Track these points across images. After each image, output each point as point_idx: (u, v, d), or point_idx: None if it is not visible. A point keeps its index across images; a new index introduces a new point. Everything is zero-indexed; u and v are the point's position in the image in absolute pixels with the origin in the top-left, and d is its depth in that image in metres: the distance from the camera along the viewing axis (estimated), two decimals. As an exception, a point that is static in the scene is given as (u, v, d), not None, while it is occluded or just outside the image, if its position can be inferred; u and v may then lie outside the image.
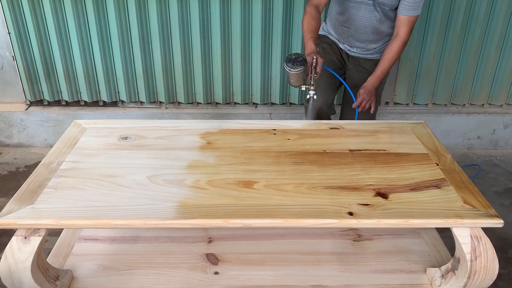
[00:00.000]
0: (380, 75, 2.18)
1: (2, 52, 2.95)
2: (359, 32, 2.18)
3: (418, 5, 2.04)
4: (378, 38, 2.20)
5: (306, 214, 1.30)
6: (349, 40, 2.25)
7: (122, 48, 2.89)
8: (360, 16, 2.11)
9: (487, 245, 1.31)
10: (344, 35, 2.23)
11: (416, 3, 2.03)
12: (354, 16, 2.13)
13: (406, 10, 2.04)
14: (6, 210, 1.30)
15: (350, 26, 2.18)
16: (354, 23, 2.15)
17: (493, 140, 3.16)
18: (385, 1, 2.04)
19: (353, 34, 2.20)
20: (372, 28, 2.15)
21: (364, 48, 2.25)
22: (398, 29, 2.11)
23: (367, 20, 2.12)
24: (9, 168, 2.89)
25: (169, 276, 1.54)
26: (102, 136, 1.75)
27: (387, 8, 2.06)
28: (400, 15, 2.07)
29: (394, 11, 2.10)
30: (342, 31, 2.22)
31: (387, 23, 2.14)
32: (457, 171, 1.53)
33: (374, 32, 2.16)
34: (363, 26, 2.15)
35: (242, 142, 1.71)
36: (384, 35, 2.20)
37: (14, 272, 1.28)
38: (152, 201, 1.35)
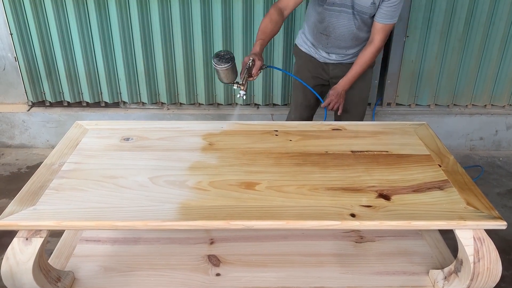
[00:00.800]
0: (351, 79, 2.19)
1: (4, 53, 2.95)
2: (338, 39, 2.18)
3: (394, 13, 2.06)
4: (357, 43, 2.21)
5: (308, 216, 1.29)
6: (327, 47, 2.25)
7: (124, 49, 2.89)
8: (340, 24, 2.11)
9: (490, 247, 1.30)
10: (323, 42, 2.22)
11: (392, 12, 2.05)
12: (334, 24, 2.12)
13: (382, 18, 2.05)
14: (8, 211, 1.30)
15: (330, 34, 2.17)
16: (334, 31, 2.15)
17: (496, 141, 3.15)
18: (364, 9, 2.04)
19: (333, 42, 2.20)
20: (352, 35, 2.15)
21: (343, 54, 2.26)
22: (373, 35, 2.12)
23: (347, 28, 2.12)
24: (11, 169, 2.89)
25: (170, 277, 1.53)
26: (103, 137, 1.74)
27: (366, 16, 2.07)
28: (376, 23, 2.08)
29: (372, 19, 2.11)
30: (321, 38, 2.22)
31: (366, 29, 2.15)
32: (460, 172, 1.53)
33: (353, 38, 2.17)
34: (342, 33, 2.15)
35: (244, 143, 1.70)
36: (363, 41, 2.21)
37: (16, 274, 1.28)
38: (153, 203, 1.35)
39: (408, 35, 2.87)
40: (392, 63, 2.99)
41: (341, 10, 2.06)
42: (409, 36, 2.87)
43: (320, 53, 2.29)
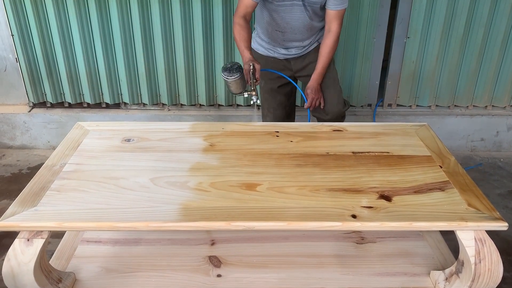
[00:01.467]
0: (322, 71, 2.23)
1: (6, 54, 2.96)
2: (294, 33, 2.20)
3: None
4: (311, 33, 2.24)
5: (309, 217, 1.29)
6: (284, 43, 2.27)
7: (125, 50, 2.89)
8: (293, 18, 2.14)
9: (491, 248, 1.30)
10: (279, 39, 2.25)
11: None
12: (287, 19, 2.14)
13: (334, 5, 2.09)
14: (9, 212, 1.30)
15: (285, 30, 2.19)
16: (288, 25, 2.17)
17: (497, 142, 3.15)
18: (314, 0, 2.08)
19: (289, 36, 2.22)
20: (306, 27, 2.18)
21: (300, 46, 2.28)
22: (329, 24, 2.15)
23: (300, 21, 2.14)
24: (12, 170, 2.89)
25: (171, 278, 1.53)
26: (105, 138, 1.75)
27: (317, 6, 2.11)
28: (330, 10, 2.12)
29: (323, 9, 2.14)
30: (276, 36, 2.24)
31: (318, 18, 2.18)
32: (461, 173, 1.53)
33: (308, 29, 2.20)
34: (297, 26, 2.17)
35: (244, 144, 1.71)
36: (318, 29, 2.25)
37: (17, 274, 1.28)
38: (155, 204, 1.35)
39: (409, 36, 2.87)
40: (392, 64, 2.99)
41: (292, 3, 2.09)
42: (409, 37, 2.87)
43: (279, 51, 2.31)
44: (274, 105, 2.43)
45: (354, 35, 2.86)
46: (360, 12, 2.79)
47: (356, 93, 3.05)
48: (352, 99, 3.08)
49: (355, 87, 3.04)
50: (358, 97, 3.07)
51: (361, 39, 2.87)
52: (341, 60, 2.92)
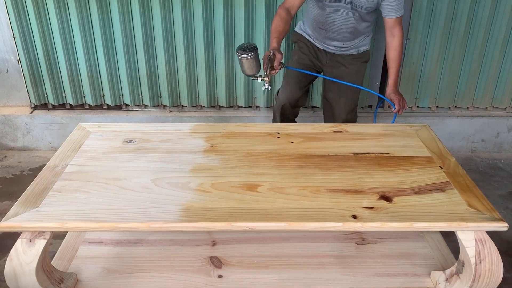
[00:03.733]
0: (397, 77, 2.27)
1: (7, 56, 2.97)
2: (337, 33, 2.23)
3: (400, 5, 2.12)
4: (354, 36, 2.26)
5: (310, 218, 1.30)
6: (326, 41, 2.31)
7: (126, 51, 2.90)
8: (338, 19, 2.16)
9: (492, 248, 1.31)
10: (322, 36, 2.29)
11: (398, 4, 2.10)
12: (332, 19, 2.17)
13: (392, 13, 2.11)
14: (11, 213, 1.30)
15: (328, 28, 2.22)
16: (332, 26, 2.19)
17: (497, 143, 3.15)
18: (363, 5, 2.09)
19: (331, 36, 2.25)
20: (350, 29, 2.20)
21: (341, 46, 2.31)
22: (391, 30, 2.17)
23: (345, 23, 2.16)
24: (14, 171, 2.90)
25: (173, 279, 1.54)
26: (106, 140, 1.75)
27: (364, 12, 2.12)
28: (388, 19, 2.14)
29: (370, 14, 2.17)
30: (319, 32, 2.28)
31: (364, 24, 2.20)
32: (461, 174, 1.53)
33: (351, 32, 2.22)
34: (340, 28, 2.19)
35: (245, 145, 1.71)
36: (360, 33, 2.27)
37: (19, 275, 1.29)
38: (156, 204, 1.36)
39: (409, 37, 2.87)
40: (393, 66, 3.00)
41: (339, 5, 2.11)
42: (410, 38, 2.88)
43: (321, 43, 2.35)
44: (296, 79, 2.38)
45: (354, 36, 2.86)
46: (360, 14, 2.80)
47: (356, 94, 3.06)
48: (353, 100, 3.09)
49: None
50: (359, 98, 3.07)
51: (362, 40, 2.87)
52: (342, 62, 2.93)
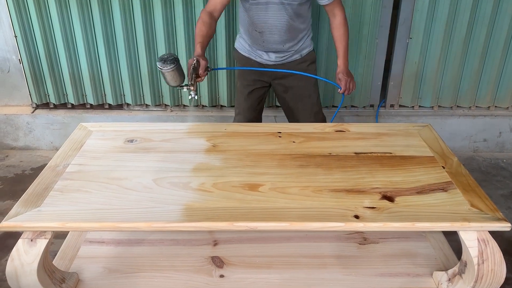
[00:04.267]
0: (346, 55, 2.20)
1: (9, 56, 2.97)
2: (272, 33, 2.13)
3: None
4: (293, 36, 2.16)
5: (312, 217, 1.30)
6: (264, 45, 2.19)
7: (128, 51, 2.90)
8: (270, 18, 2.07)
9: (495, 248, 1.30)
10: (259, 40, 2.18)
11: None
12: (264, 18, 2.08)
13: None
14: (13, 212, 1.30)
15: (263, 30, 2.12)
16: (266, 26, 2.10)
17: (499, 143, 3.14)
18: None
19: (268, 38, 2.15)
20: (285, 28, 2.10)
21: (281, 50, 2.21)
22: (332, 12, 2.12)
23: (278, 20, 2.07)
24: (15, 170, 2.90)
25: (174, 279, 1.54)
26: (108, 139, 1.75)
27: (296, 4, 2.03)
28: (325, 5, 2.08)
29: (303, 6, 2.07)
30: (256, 37, 2.18)
31: (299, 19, 2.11)
32: (464, 174, 1.52)
33: (288, 31, 2.12)
34: (275, 26, 2.10)
35: (247, 145, 1.71)
36: (298, 32, 2.17)
37: (20, 275, 1.28)
38: (157, 204, 1.35)
39: (411, 36, 2.87)
40: (395, 65, 2.99)
41: (267, 2, 2.02)
42: (412, 37, 2.87)
43: (260, 55, 2.25)
44: (245, 107, 2.40)
45: (356, 35, 2.86)
46: (362, 13, 2.79)
47: (358, 93, 3.05)
48: (355, 99, 3.09)
49: (358, 87, 3.03)
50: (361, 97, 3.07)
51: (364, 39, 2.87)
52: (344, 61, 2.92)
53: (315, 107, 2.34)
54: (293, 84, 2.28)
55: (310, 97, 2.32)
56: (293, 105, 2.35)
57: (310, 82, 2.30)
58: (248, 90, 2.36)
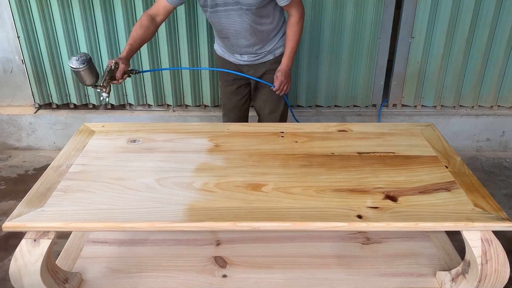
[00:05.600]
0: (291, 55, 2.12)
1: (12, 56, 2.97)
2: (237, 38, 2.08)
3: None
4: (261, 38, 2.11)
5: (315, 217, 1.29)
6: (233, 49, 2.17)
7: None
8: (232, 23, 2.02)
9: (498, 248, 1.30)
10: (228, 45, 2.16)
11: None
12: (227, 25, 2.03)
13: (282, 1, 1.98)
14: (16, 213, 1.31)
15: (228, 35, 2.09)
16: (229, 31, 2.06)
17: (503, 142, 3.13)
18: (248, 1, 1.92)
19: (234, 42, 2.11)
20: (249, 31, 2.04)
21: (251, 53, 2.17)
22: (289, 12, 2.04)
23: (240, 25, 2.02)
24: (18, 170, 2.91)
25: (177, 278, 1.54)
26: (110, 139, 1.75)
27: (254, 8, 1.95)
28: (283, 5, 2.00)
29: (265, 7, 2.00)
30: (224, 42, 2.16)
31: (262, 21, 2.04)
32: (467, 173, 1.52)
33: (253, 34, 2.06)
34: (238, 31, 2.05)
35: (250, 145, 1.71)
36: (267, 34, 2.11)
37: (24, 275, 1.29)
38: (160, 204, 1.35)
39: (414, 36, 2.86)
40: (397, 64, 2.98)
41: (227, 9, 1.97)
42: (414, 37, 2.86)
43: (234, 56, 2.23)
44: (230, 107, 2.39)
45: (358, 35, 2.85)
46: (364, 13, 2.79)
47: (361, 93, 3.05)
48: (357, 99, 3.08)
49: (360, 87, 3.03)
50: (363, 97, 3.07)
51: (366, 39, 2.87)
52: (346, 60, 2.92)
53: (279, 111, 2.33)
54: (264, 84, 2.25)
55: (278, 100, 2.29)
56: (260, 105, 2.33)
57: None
58: (229, 90, 2.35)
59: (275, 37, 2.16)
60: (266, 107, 2.32)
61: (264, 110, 2.34)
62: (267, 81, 2.23)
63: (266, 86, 2.24)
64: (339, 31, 2.84)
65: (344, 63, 2.93)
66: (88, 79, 1.87)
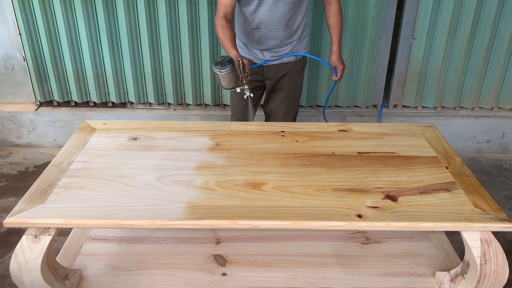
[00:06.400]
0: (340, 41, 2.21)
1: (13, 53, 2.98)
2: (269, 29, 2.08)
3: None
4: (291, 33, 2.13)
5: (315, 216, 1.30)
6: (260, 43, 2.16)
7: (131, 49, 2.91)
8: (267, 11, 2.03)
9: (497, 249, 1.30)
10: (255, 37, 2.14)
11: None
12: (261, 13, 2.04)
13: None
14: (17, 209, 1.31)
15: (260, 25, 2.08)
16: (262, 21, 2.06)
17: (503, 144, 3.14)
18: None
19: (265, 33, 2.11)
20: (282, 22, 2.06)
21: (278, 46, 2.17)
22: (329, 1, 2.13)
23: (275, 14, 2.04)
24: (19, 168, 2.91)
25: (177, 276, 1.54)
26: (111, 137, 1.76)
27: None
28: None
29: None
30: (252, 34, 2.13)
31: (296, 13, 2.08)
32: (467, 174, 1.52)
33: (285, 26, 2.08)
34: (272, 21, 2.06)
35: (250, 144, 1.71)
36: (296, 28, 2.14)
37: (24, 271, 1.29)
38: (161, 202, 1.36)
39: (415, 37, 2.87)
40: (398, 65, 2.99)
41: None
42: (416, 38, 2.87)
43: (254, 54, 2.22)
44: (240, 108, 2.37)
45: (360, 35, 2.86)
46: (366, 13, 2.79)
47: (361, 93, 3.05)
48: (358, 99, 3.09)
49: (361, 87, 3.04)
50: (364, 97, 3.07)
51: (367, 40, 2.87)
52: (347, 61, 2.92)
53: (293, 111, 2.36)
54: (284, 86, 2.27)
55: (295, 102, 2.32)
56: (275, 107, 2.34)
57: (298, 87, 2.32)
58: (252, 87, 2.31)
59: (302, 34, 2.20)
60: (281, 109, 2.33)
61: (279, 112, 2.34)
62: (287, 84, 2.26)
63: (284, 88, 2.27)
64: (340, 31, 2.84)
65: (345, 63, 2.92)
66: (233, 80, 1.86)
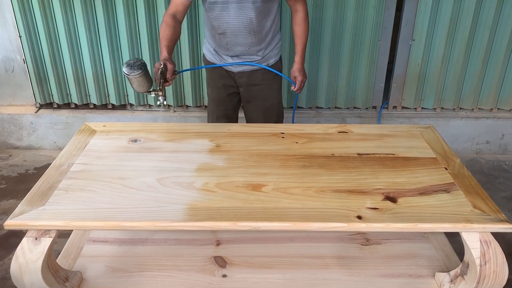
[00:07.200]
0: (303, 52, 2.15)
1: (13, 56, 2.98)
2: (235, 34, 1.99)
3: None
4: (259, 39, 2.03)
5: (315, 218, 1.30)
6: (228, 49, 2.07)
7: (131, 51, 2.91)
8: (232, 17, 1.94)
9: (497, 250, 1.30)
10: (223, 43, 2.05)
11: None
12: (226, 18, 1.95)
13: None
14: (17, 211, 1.31)
15: (226, 31, 1.99)
16: (228, 26, 1.97)
17: (502, 145, 3.14)
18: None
19: (231, 39, 2.02)
20: (248, 28, 1.97)
21: (247, 53, 2.07)
22: (294, 7, 2.04)
23: (241, 20, 1.95)
24: (19, 170, 2.91)
25: (177, 278, 1.54)
26: (111, 139, 1.76)
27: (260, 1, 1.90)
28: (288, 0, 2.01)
29: (269, 3, 1.95)
30: (220, 40, 2.05)
31: (264, 19, 1.99)
32: (466, 175, 1.53)
33: (251, 32, 1.98)
34: (237, 27, 1.96)
35: (250, 145, 1.71)
36: (264, 35, 2.04)
37: (25, 273, 1.29)
38: (161, 204, 1.36)
39: (414, 38, 2.87)
40: (398, 66, 2.99)
41: (228, 1, 1.91)
42: (415, 39, 2.87)
43: (224, 60, 2.13)
44: (219, 114, 2.30)
45: (359, 37, 2.86)
46: (365, 15, 2.80)
47: (361, 95, 3.06)
48: (357, 101, 3.09)
49: (360, 89, 3.04)
50: (363, 99, 3.07)
51: (367, 41, 2.88)
52: (347, 62, 2.93)
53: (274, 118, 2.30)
54: (259, 94, 2.20)
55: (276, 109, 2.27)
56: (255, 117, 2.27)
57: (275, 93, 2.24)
58: (220, 97, 2.26)
59: (272, 41, 2.11)
60: (261, 118, 2.25)
61: (259, 121, 2.26)
62: (259, 94, 2.18)
63: (259, 97, 2.19)
64: (339, 33, 2.85)
65: (345, 65, 2.94)
66: (145, 85, 1.82)
